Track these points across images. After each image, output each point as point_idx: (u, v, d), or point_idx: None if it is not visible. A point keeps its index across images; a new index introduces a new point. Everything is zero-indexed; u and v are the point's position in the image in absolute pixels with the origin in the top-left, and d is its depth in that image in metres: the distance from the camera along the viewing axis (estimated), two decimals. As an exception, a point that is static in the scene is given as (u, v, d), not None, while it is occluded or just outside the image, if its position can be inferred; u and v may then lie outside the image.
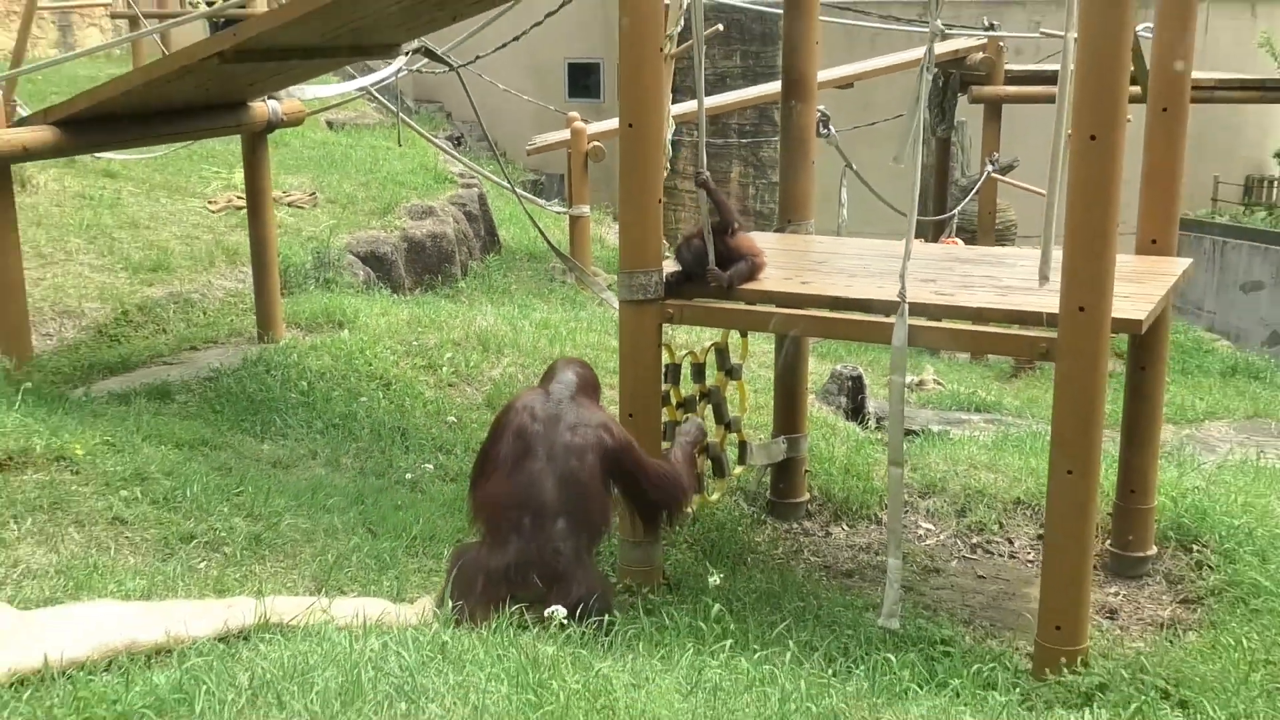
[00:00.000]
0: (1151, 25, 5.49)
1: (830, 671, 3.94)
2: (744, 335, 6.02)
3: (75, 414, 6.02)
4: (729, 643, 3.78)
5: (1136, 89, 5.68)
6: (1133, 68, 5.71)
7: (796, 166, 6.09)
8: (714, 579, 4.55)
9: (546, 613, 3.62)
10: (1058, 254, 4.39)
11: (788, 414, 6.33)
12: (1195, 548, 5.69)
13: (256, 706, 2.94)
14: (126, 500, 4.98)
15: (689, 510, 4.89)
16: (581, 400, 4.44)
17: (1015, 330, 4.56)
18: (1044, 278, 4.55)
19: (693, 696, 3.10)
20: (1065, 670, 4.43)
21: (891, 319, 4.62)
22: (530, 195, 12.44)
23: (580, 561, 4.16)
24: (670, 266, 5.21)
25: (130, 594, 4.06)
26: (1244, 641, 4.59)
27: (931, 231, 13.30)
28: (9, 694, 3.10)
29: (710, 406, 5.81)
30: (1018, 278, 5.10)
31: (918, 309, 4.64)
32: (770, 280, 5.25)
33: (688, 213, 18.40)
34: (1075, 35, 4.09)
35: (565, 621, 3.72)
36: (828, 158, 7.25)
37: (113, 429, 5.78)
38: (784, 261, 5.77)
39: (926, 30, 4.72)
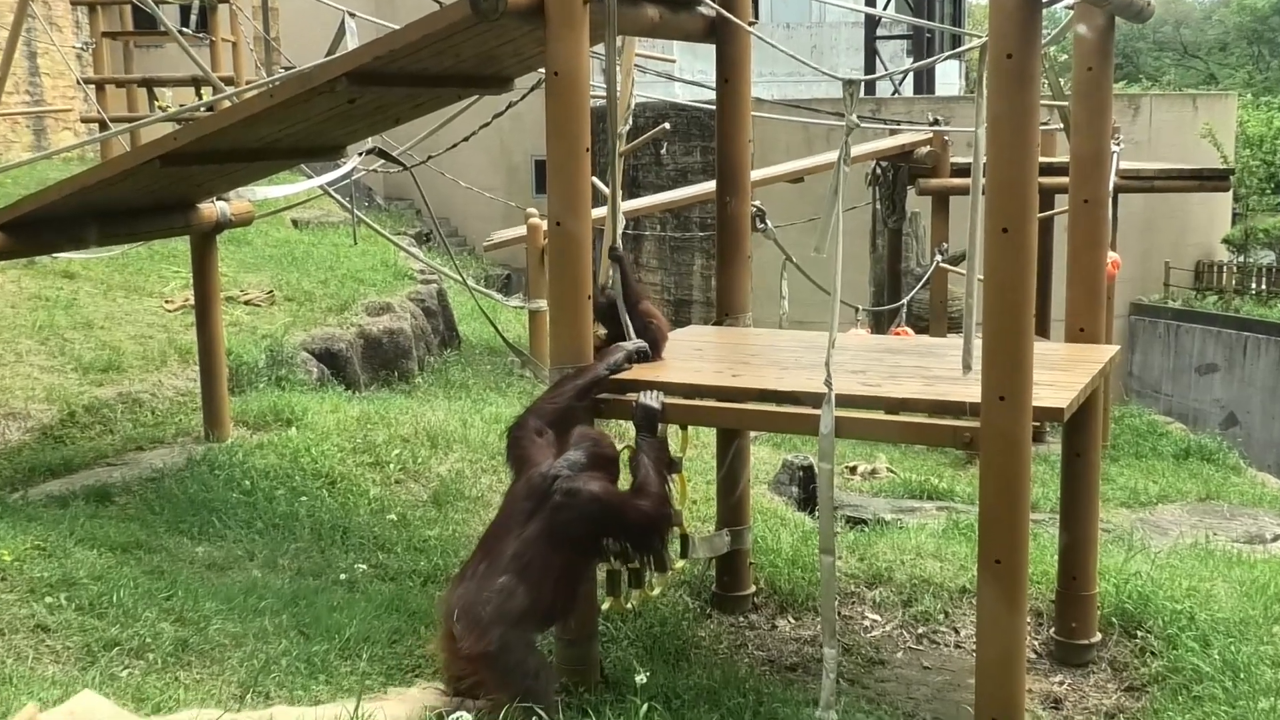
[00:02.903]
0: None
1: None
2: (683, 429, 5.95)
3: (8, 519, 5.89)
4: (652, 745, 3.67)
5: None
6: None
7: (732, 260, 6.07)
8: (640, 677, 4.44)
9: (451, 718, 3.50)
10: (980, 343, 4.37)
11: (731, 506, 6.24)
12: (1139, 633, 5.62)
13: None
14: (51, 607, 4.84)
15: (674, 523, 5.03)
16: (582, 476, 4.51)
17: (940, 420, 4.53)
18: (967, 367, 4.53)
19: (604, 804, 2.98)
20: (1003, 765, 4.33)
21: (818, 411, 4.58)
22: (488, 291, 12.41)
23: (503, 619, 4.23)
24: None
25: (45, 704, 3.92)
26: (1183, 731, 4.51)
27: (885, 321, 13.36)
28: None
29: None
30: (946, 367, 5.07)
31: (844, 400, 4.59)
32: (703, 374, 5.22)
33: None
34: (984, 128, 4.11)
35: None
36: (772, 250, 7.28)
37: (45, 533, 5.65)
38: (718, 354, 5.74)
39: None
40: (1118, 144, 10.68)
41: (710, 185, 12.78)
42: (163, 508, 6.69)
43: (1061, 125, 11.31)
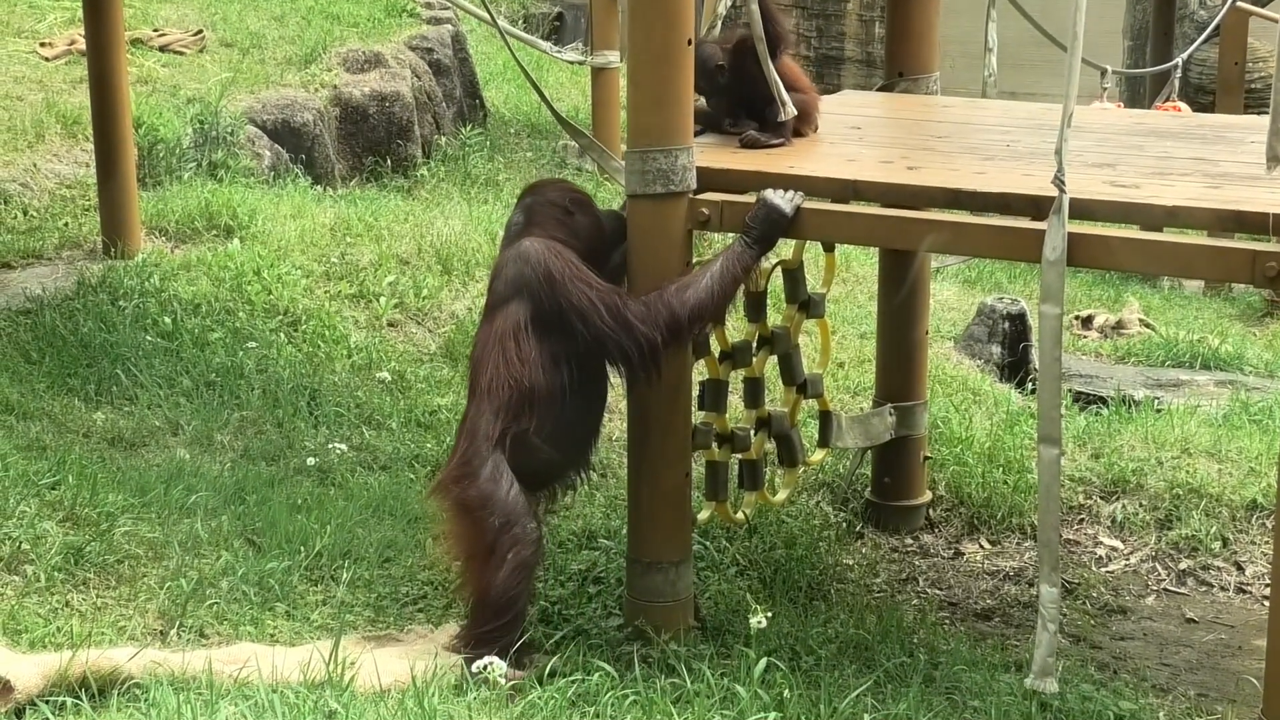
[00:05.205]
0: None
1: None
2: (829, 250, 5.96)
3: None
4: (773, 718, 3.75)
5: None
6: None
7: (910, -9, 6.04)
8: (757, 620, 4.52)
9: (475, 666, 3.64)
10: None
11: (899, 371, 6.31)
12: None
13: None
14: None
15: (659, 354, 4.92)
16: (523, 236, 4.81)
17: (1229, 242, 4.48)
18: (1276, 160, 4.45)
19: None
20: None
21: (1041, 224, 4.56)
22: (530, 37, 12.34)
23: (468, 434, 4.67)
24: None
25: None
26: None
27: (1148, 90, 13.13)
28: None
29: (774, 359, 5.75)
30: (1242, 160, 5.01)
31: (1082, 208, 4.55)
32: (862, 164, 5.20)
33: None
34: None
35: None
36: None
37: None
38: (887, 136, 5.72)
39: None
40: None
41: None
42: (43, 354, 6.84)
43: None
